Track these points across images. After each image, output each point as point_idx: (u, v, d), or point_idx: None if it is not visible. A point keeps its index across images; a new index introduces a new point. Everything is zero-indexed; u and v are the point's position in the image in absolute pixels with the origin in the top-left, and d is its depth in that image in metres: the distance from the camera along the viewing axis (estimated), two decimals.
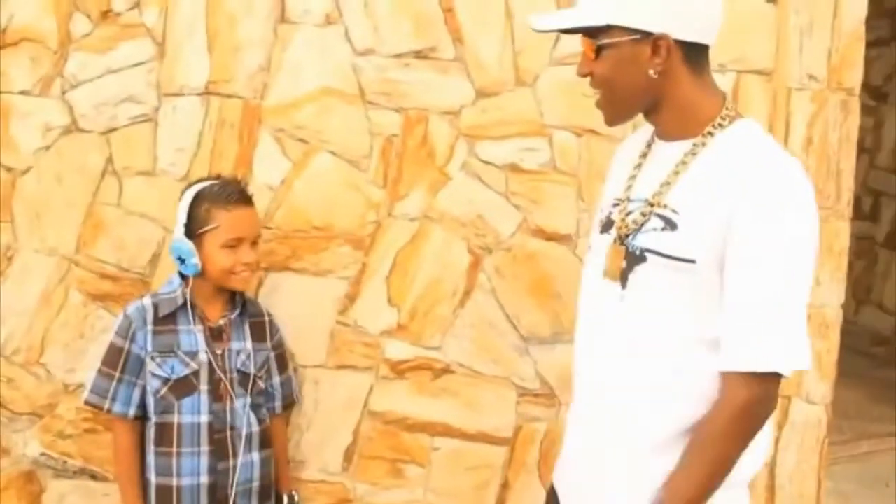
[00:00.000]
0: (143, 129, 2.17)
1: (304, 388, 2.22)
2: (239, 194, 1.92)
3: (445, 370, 2.25)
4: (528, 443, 2.28)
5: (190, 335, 1.92)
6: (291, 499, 2.11)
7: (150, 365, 1.90)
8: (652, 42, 1.34)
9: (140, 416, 1.93)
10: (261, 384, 2.02)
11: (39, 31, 2.14)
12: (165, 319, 1.92)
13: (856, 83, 2.47)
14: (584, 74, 1.45)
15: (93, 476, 2.23)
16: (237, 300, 2.00)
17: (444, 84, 2.18)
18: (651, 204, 1.40)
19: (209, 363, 1.91)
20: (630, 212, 1.44)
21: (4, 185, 2.16)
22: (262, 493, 1.99)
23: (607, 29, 1.37)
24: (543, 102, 2.20)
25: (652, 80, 1.37)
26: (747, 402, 1.30)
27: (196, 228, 1.88)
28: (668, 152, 1.42)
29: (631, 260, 1.39)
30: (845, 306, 2.53)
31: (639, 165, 1.49)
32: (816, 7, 2.34)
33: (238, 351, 1.97)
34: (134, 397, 1.92)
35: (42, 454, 2.21)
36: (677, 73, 1.37)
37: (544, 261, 2.23)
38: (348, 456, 2.27)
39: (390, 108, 2.18)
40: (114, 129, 2.17)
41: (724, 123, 1.39)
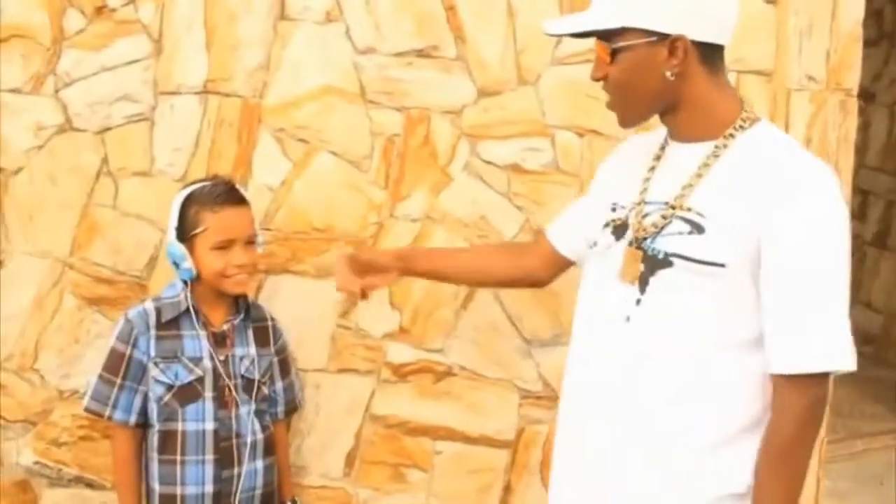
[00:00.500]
0: (140, 129, 2.12)
1: (306, 393, 2.19)
2: (227, 195, 1.86)
3: (448, 373, 2.22)
4: (531, 445, 2.25)
5: (194, 340, 1.88)
6: None
7: (154, 371, 1.85)
8: (669, 43, 1.33)
9: (140, 424, 1.89)
10: (265, 390, 1.97)
11: (31, 27, 2.08)
12: (168, 324, 1.87)
13: (854, 84, 2.47)
14: (599, 78, 1.42)
15: (89, 484, 2.18)
16: (240, 304, 1.96)
17: (446, 83, 2.15)
18: (672, 207, 1.38)
19: (214, 369, 1.87)
20: (647, 214, 1.42)
21: None
22: (265, 501, 1.95)
23: (622, 31, 1.35)
24: (546, 102, 2.18)
25: (668, 82, 1.35)
26: (810, 405, 1.30)
27: (187, 232, 1.84)
28: (686, 154, 1.40)
29: (652, 264, 1.37)
30: None
31: (652, 168, 1.47)
32: (815, 8, 2.34)
33: (242, 356, 1.93)
34: (135, 404, 1.87)
35: (36, 462, 2.16)
36: (694, 75, 1.36)
37: None
38: (350, 461, 2.24)
39: (392, 108, 2.15)
40: (109, 129, 2.12)
41: (745, 125, 1.38)
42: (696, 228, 1.33)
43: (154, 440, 1.87)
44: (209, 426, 1.86)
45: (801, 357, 1.28)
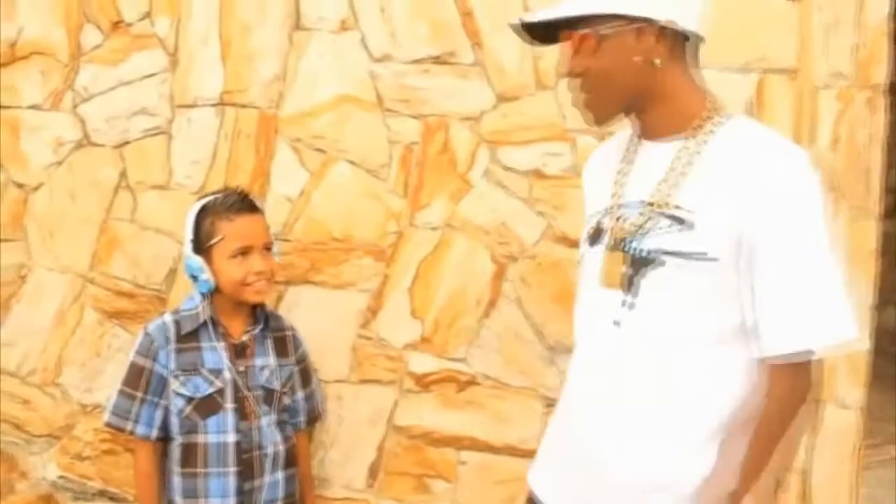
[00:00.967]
0: (157, 142, 2.13)
1: (327, 404, 2.18)
2: (241, 203, 1.87)
3: (471, 382, 2.19)
4: None
5: (213, 352, 1.88)
6: None
7: (174, 384, 1.85)
8: (657, 29, 1.30)
9: (162, 438, 1.89)
10: (285, 400, 1.97)
11: (49, 44, 2.11)
12: (188, 337, 1.87)
13: (882, 80, 2.41)
14: (580, 73, 1.36)
15: (112, 498, 2.19)
16: (259, 315, 1.96)
17: (464, 89, 2.13)
18: (651, 205, 1.35)
19: (234, 381, 1.87)
20: (623, 217, 1.38)
21: (16, 203, 2.13)
22: None
23: (606, 19, 1.30)
24: (566, 106, 2.13)
25: (651, 71, 1.32)
26: (802, 386, 1.32)
27: (203, 243, 1.84)
28: (659, 152, 1.37)
29: (640, 264, 1.34)
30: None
31: (622, 170, 1.43)
32: (840, 2, 2.29)
33: (262, 367, 1.92)
34: (156, 418, 1.87)
35: (60, 477, 2.17)
36: (670, 64, 1.33)
37: (570, 268, 2.16)
38: (373, 472, 2.23)
39: (409, 115, 2.14)
40: (127, 143, 2.14)
41: (723, 120, 1.35)
42: (685, 224, 1.31)
43: (176, 453, 1.87)
44: (231, 438, 1.85)
45: (800, 336, 1.27)
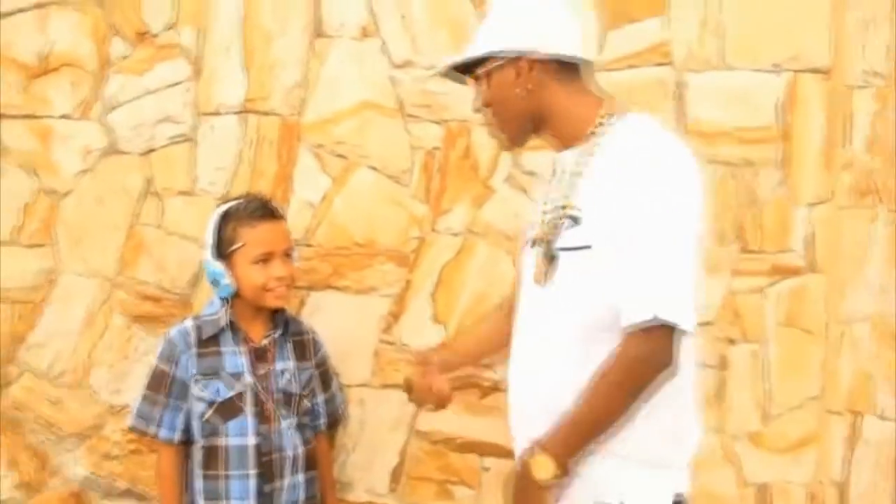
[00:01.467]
0: (182, 150, 2.17)
1: (349, 408, 2.18)
2: (262, 209, 1.89)
3: (494, 388, 2.18)
4: None
5: (234, 357, 1.90)
6: None
7: (195, 388, 1.88)
8: (515, 64, 1.50)
9: (184, 441, 1.92)
10: (306, 403, 1.98)
11: (79, 56, 2.15)
12: (209, 342, 1.90)
13: None
14: (479, 108, 1.59)
15: (139, 497, 2.23)
16: (279, 319, 1.97)
17: None
18: (562, 208, 1.51)
19: (254, 385, 1.89)
20: (545, 221, 1.55)
21: (47, 209, 2.18)
22: None
23: (488, 59, 1.52)
24: None
25: (529, 96, 1.51)
26: (637, 354, 1.39)
27: (225, 248, 1.87)
28: (567, 160, 1.54)
29: (549, 261, 1.51)
30: None
31: (550, 181, 1.61)
32: None
33: (282, 370, 1.94)
34: (178, 422, 1.90)
35: (89, 475, 2.22)
36: (549, 87, 1.51)
37: None
38: (396, 477, 2.23)
39: (431, 121, 2.14)
40: (152, 150, 2.17)
41: (613, 121, 1.50)
42: (575, 221, 1.48)
43: (198, 456, 1.90)
44: (251, 441, 1.87)
45: (638, 309, 1.38)
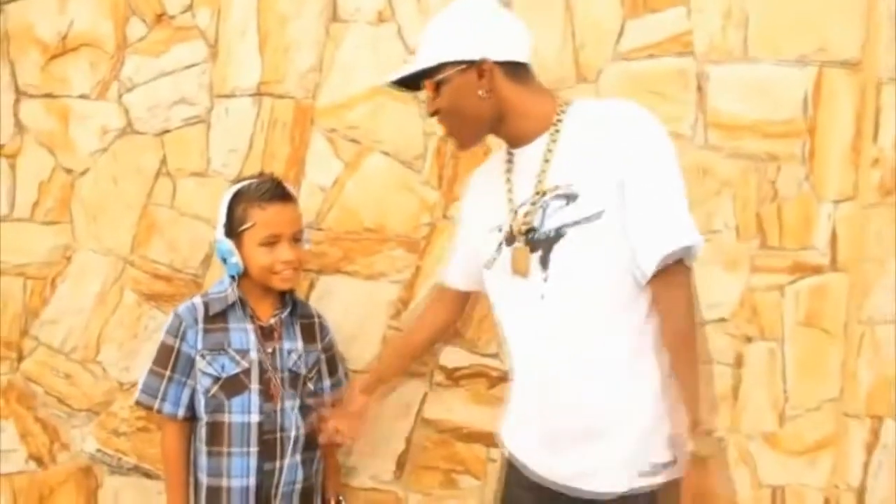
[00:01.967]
0: (196, 131, 2.18)
1: None
2: (274, 191, 1.89)
3: (502, 378, 2.16)
4: None
5: (241, 333, 1.91)
6: (339, 503, 2.08)
7: (200, 363, 1.89)
8: (476, 68, 1.54)
9: (189, 418, 1.93)
10: (311, 386, 1.98)
11: (97, 36, 2.18)
12: (216, 318, 1.91)
13: None
14: (433, 113, 1.63)
15: (146, 474, 2.25)
16: (287, 299, 1.98)
17: None
18: (538, 194, 1.56)
19: (260, 362, 1.89)
20: (520, 213, 1.58)
21: (64, 187, 2.21)
22: (304, 496, 1.95)
23: (440, 68, 1.56)
24: (605, 99, 2.09)
25: (485, 100, 1.56)
26: (689, 286, 1.51)
27: (235, 228, 1.87)
28: (531, 152, 1.59)
29: (549, 243, 1.54)
30: None
31: (509, 179, 1.64)
32: None
33: (290, 350, 1.94)
34: (183, 398, 1.91)
35: (98, 450, 2.25)
36: (505, 89, 1.57)
37: None
38: (401, 464, 2.22)
39: None
40: (167, 131, 2.19)
41: (566, 108, 1.59)
42: (570, 197, 1.52)
43: (202, 432, 1.91)
44: (255, 418, 1.87)
45: (667, 242, 1.47)
